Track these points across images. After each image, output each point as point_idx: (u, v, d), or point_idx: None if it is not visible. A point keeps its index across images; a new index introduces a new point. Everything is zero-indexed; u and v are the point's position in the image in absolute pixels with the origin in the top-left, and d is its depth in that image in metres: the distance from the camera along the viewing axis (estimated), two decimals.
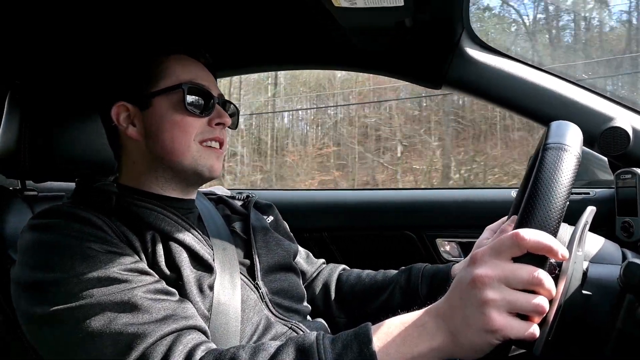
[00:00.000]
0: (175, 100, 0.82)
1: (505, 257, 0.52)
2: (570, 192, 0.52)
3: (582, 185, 1.31)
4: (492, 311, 0.50)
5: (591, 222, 0.62)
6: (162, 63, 0.84)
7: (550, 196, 0.51)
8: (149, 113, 0.82)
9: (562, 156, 0.54)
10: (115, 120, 0.84)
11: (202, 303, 0.74)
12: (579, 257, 0.58)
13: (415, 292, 0.94)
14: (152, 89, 0.82)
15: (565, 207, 0.52)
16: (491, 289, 0.51)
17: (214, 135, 0.84)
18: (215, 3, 1.04)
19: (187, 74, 0.84)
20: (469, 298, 0.52)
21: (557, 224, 0.51)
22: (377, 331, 0.58)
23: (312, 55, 1.28)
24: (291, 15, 1.08)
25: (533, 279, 0.50)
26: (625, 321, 0.56)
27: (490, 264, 0.52)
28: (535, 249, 0.50)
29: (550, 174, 0.52)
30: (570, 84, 1.12)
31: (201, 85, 0.84)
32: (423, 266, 0.98)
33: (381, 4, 0.86)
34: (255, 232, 0.93)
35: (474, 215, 1.40)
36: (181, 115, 0.81)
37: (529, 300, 0.50)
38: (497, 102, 1.15)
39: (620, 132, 1.04)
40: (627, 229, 1.09)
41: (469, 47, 1.13)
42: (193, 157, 0.82)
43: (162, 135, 0.81)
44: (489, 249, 0.53)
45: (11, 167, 0.96)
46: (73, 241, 0.68)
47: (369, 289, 1.01)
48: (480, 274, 0.51)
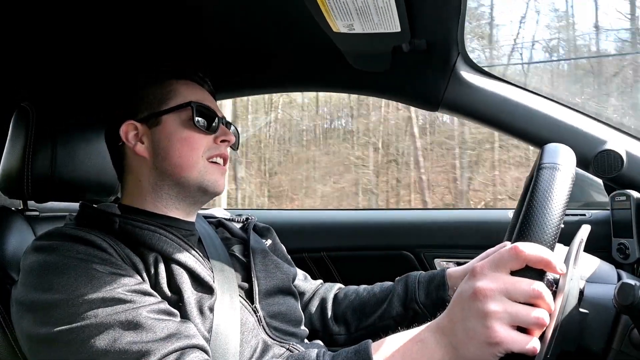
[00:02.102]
0: (184, 117, 0.86)
1: (505, 270, 0.52)
2: (565, 208, 0.54)
3: (578, 207, 1.32)
4: (494, 323, 0.51)
5: (587, 243, 0.63)
6: (170, 85, 0.89)
7: (546, 212, 0.53)
8: (158, 130, 0.86)
9: (556, 174, 0.55)
10: (124, 138, 0.86)
11: (202, 325, 0.75)
12: (575, 274, 0.59)
13: (413, 299, 0.95)
14: (161, 108, 0.86)
15: (561, 223, 0.53)
16: (493, 301, 0.51)
17: (220, 152, 0.88)
18: (216, 27, 1.07)
19: (194, 95, 0.89)
20: (470, 310, 0.53)
21: (554, 239, 0.52)
22: (377, 348, 0.59)
23: (310, 78, 1.30)
24: (291, 38, 1.11)
25: (534, 291, 0.51)
26: (621, 342, 0.56)
27: (491, 277, 0.53)
28: (534, 262, 0.51)
29: (545, 191, 0.54)
30: (564, 107, 1.14)
31: (207, 106, 0.88)
32: (418, 274, 1.00)
33: (378, 30, 0.89)
34: (254, 255, 0.94)
35: (472, 236, 1.41)
36: (189, 132, 0.85)
37: (529, 313, 0.51)
38: (492, 124, 1.17)
39: (614, 155, 1.05)
40: (623, 250, 1.09)
41: (465, 71, 1.16)
42: (199, 172, 0.85)
43: (171, 152, 0.84)
44: (489, 262, 0.54)
45: (14, 187, 0.97)
46: (77, 262, 0.68)
47: (367, 302, 1.01)
48: (482, 287, 0.52)
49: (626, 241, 1.09)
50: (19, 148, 0.95)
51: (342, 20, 0.85)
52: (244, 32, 1.08)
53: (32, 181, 0.95)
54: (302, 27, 1.02)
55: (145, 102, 0.87)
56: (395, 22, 0.86)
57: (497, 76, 1.17)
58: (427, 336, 0.56)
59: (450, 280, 0.93)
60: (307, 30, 1.03)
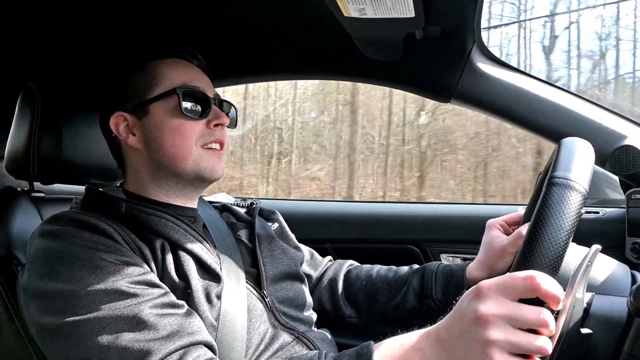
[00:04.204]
0: (171, 105, 0.81)
1: (513, 297, 0.50)
2: (573, 231, 0.52)
3: (593, 204, 1.29)
4: (494, 352, 0.49)
5: (601, 241, 0.61)
6: (154, 69, 0.84)
7: (554, 239, 0.51)
8: (147, 121, 0.82)
9: (567, 196, 0.52)
10: (115, 130, 0.84)
11: (209, 312, 0.74)
12: (579, 301, 0.57)
13: (429, 295, 0.93)
14: (147, 97, 0.82)
15: (568, 245, 0.52)
16: (495, 328, 0.49)
17: (214, 138, 0.84)
18: (218, 9, 1.04)
19: (180, 77, 0.83)
20: (470, 334, 0.51)
21: (559, 264, 0.51)
22: (377, 351, 0.58)
23: (320, 65, 1.28)
24: (299, 23, 1.09)
25: (540, 321, 0.49)
26: (633, 346, 0.54)
27: (496, 301, 0.50)
28: (546, 298, 0.49)
29: (554, 217, 0.51)
30: (582, 100, 1.11)
31: (196, 88, 0.83)
32: (436, 267, 0.96)
33: (391, 15, 0.86)
34: (260, 241, 0.93)
35: (480, 231, 1.39)
36: (179, 120, 0.81)
37: (532, 341, 0.49)
38: (506, 117, 1.14)
39: (633, 151, 1.02)
40: (636, 250, 1.07)
41: (480, 61, 1.12)
42: (195, 161, 0.82)
43: (163, 143, 0.81)
44: (497, 285, 0.51)
45: (20, 168, 0.97)
46: (82, 251, 0.68)
47: (380, 290, 0.99)
48: (485, 312, 0.50)
49: None
50: (25, 128, 0.95)
51: (353, 3, 0.82)
52: (250, 15, 1.06)
53: (37, 162, 0.95)
54: (312, 11, 1.00)
55: (131, 90, 0.83)
56: (410, 6, 0.83)
57: (514, 67, 1.14)
58: (426, 346, 0.55)
59: (470, 278, 0.90)
60: (317, 15, 1.00)
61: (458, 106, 1.21)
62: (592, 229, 1.24)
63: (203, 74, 0.88)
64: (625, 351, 0.54)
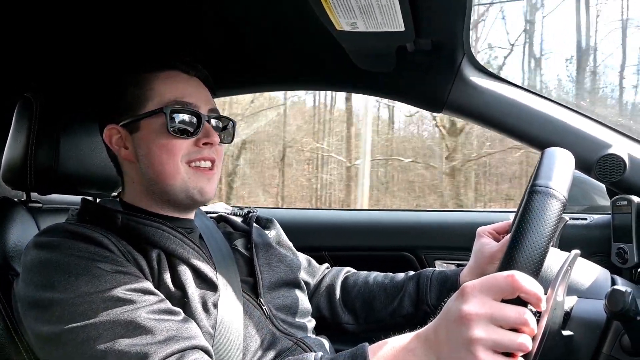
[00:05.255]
0: (159, 123, 0.81)
1: (495, 296, 0.52)
2: (553, 235, 0.55)
3: (580, 211, 1.32)
4: (478, 350, 0.51)
5: (587, 247, 0.63)
6: (148, 83, 0.83)
7: (535, 243, 0.53)
8: (138, 137, 0.83)
9: (548, 203, 0.55)
10: (108, 142, 0.85)
11: (206, 321, 0.75)
12: (559, 303, 0.59)
13: (424, 301, 0.95)
14: (138, 112, 0.82)
15: (549, 249, 0.54)
16: (478, 327, 0.51)
17: (201, 155, 0.82)
18: (216, 24, 1.06)
19: (172, 92, 0.82)
20: (455, 333, 0.53)
21: (540, 266, 0.53)
22: (371, 353, 0.59)
23: (314, 76, 1.30)
24: (294, 35, 1.11)
25: (521, 319, 0.51)
26: (611, 347, 0.57)
27: (479, 300, 0.52)
28: (527, 297, 0.51)
29: (535, 223, 0.54)
30: (569, 110, 1.14)
31: (187, 104, 0.82)
32: (431, 273, 0.98)
33: (382, 29, 0.89)
34: (257, 249, 0.93)
35: (472, 238, 1.41)
36: (166, 139, 0.80)
37: (514, 339, 0.51)
38: (496, 127, 1.17)
39: (617, 159, 1.05)
40: (621, 255, 1.09)
41: (470, 73, 1.15)
42: (183, 180, 0.81)
43: (152, 159, 0.81)
44: (480, 285, 0.53)
45: (17, 178, 0.98)
46: (78, 261, 0.69)
47: (376, 296, 1.00)
48: (469, 312, 0.52)
49: (625, 246, 1.08)
50: (22, 139, 0.96)
51: (345, 18, 0.85)
52: (245, 27, 1.08)
53: (34, 173, 0.95)
54: (306, 24, 1.02)
55: (125, 104, 0.83)
56: (399, 21, 0.85)
57: (502, 78, 1.17)
58: (417, 346, 0.57)
59: (462, 283, 0.92)
60: (312, 28, 1.03)
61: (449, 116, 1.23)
62: (579, 235, 1.27)
63: (199, 87, 0.87)
64: (604, 352, 0.56)
